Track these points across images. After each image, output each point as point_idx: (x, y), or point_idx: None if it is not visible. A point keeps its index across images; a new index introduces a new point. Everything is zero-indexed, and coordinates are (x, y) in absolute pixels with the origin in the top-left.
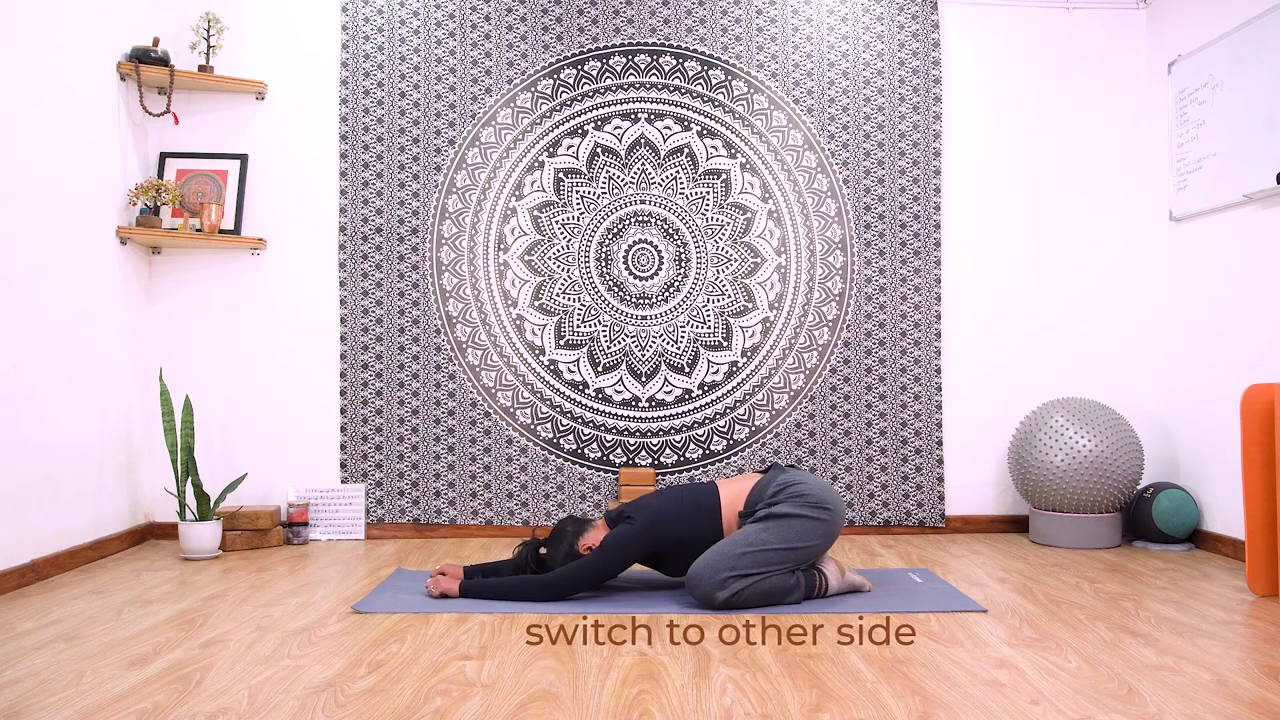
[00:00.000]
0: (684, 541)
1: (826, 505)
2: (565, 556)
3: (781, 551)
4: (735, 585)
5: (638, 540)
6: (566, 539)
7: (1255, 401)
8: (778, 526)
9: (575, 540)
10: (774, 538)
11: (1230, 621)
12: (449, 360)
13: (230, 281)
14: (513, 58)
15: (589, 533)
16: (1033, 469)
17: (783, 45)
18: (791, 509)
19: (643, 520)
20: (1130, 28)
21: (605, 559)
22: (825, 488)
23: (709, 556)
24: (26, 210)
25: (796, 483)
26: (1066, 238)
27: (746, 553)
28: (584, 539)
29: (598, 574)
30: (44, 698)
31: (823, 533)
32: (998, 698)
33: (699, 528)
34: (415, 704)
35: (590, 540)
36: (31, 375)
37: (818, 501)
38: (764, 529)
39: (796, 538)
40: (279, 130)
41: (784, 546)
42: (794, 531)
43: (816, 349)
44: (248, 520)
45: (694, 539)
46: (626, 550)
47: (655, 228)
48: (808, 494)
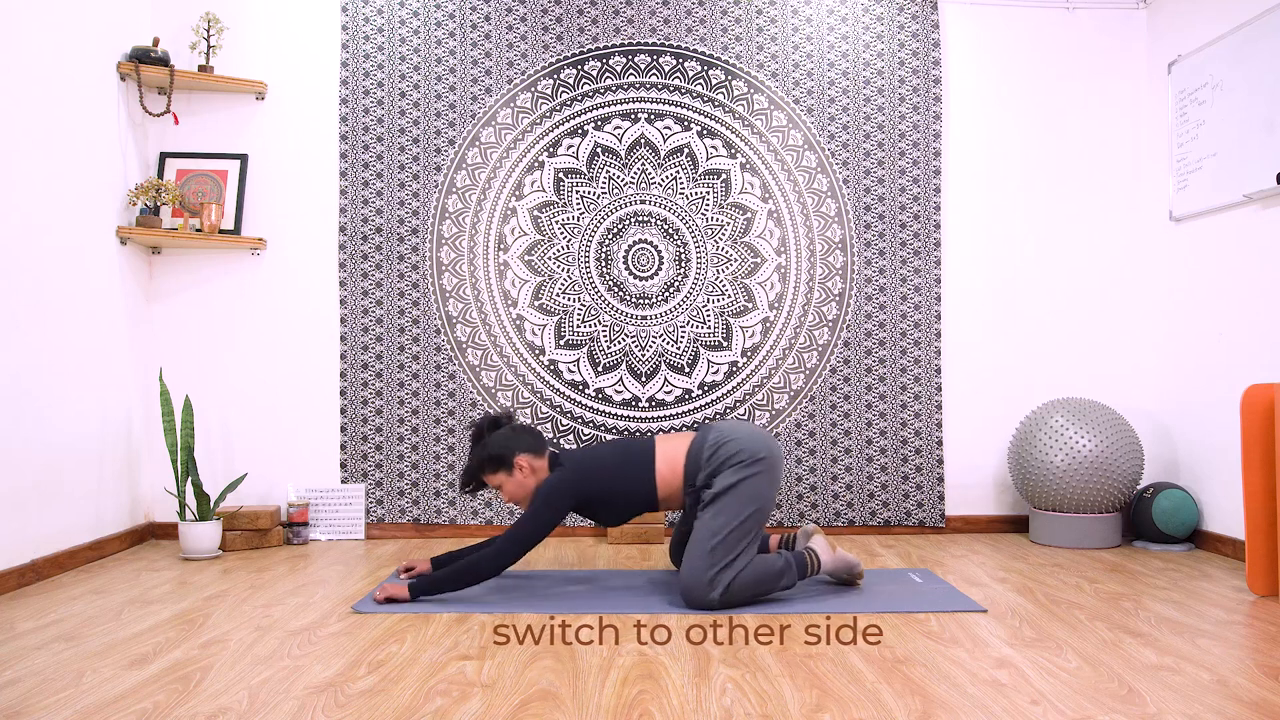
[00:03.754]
0: (615, 491)
1: (760, 455)
2: (500, 449)
3: (744, 522)
4: (724, 578)
5: (568, 486)
6: (519, 441)
7: (1255, 401)
8: (728, 501)
9: (521, 451)
10: (731, 514)
11: (1230, 621)
12: (449, 360)
13: (230, 281)
14: (513, 58)
15: (535, 456)
16: (1033, 469)
17: (783, 45)
18: (731, 477)
19: (572, 467)
20: (1130, 28)
21: (539, 512)
22: (754, 436)
23: (687, 565)
24: (27, 210)
25: (725, 441)
26: (1066, 238)
27: (717, 544)
28: (527, 456)
29: (538, 527)
30: (44, 698)
31: (769, 481)
32: (998, 698)
33: (629, 475)
34: (415, 704)
35: (529, 462)
36: (31, 375)
37: (750, 456)
38: (717, 513)
39: (749, 500)
40: (279, 130)
41: (744, 516)
42: (744, 497)
43: (816, 349)
44: (248, 520)
45: (625, 488)
46: (558, 498)
47: (655, 228)
48: (739, 452)
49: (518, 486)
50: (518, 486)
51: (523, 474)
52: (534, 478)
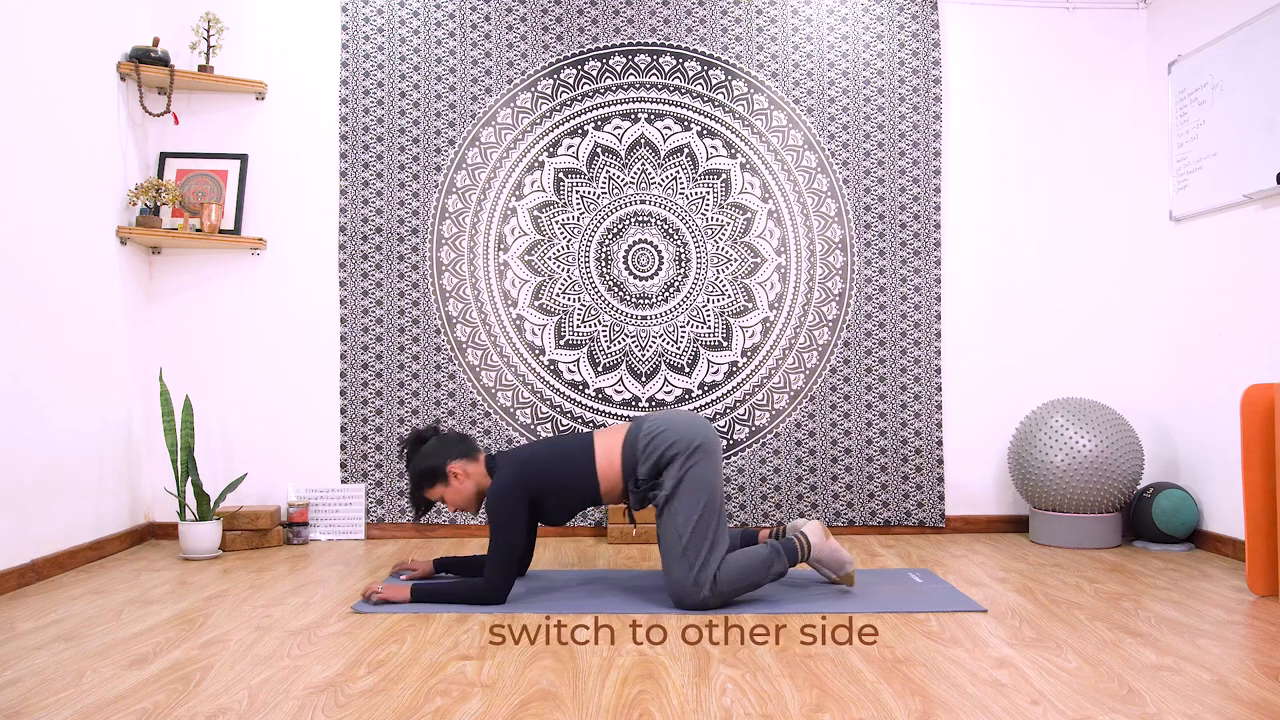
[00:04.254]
0: (561, 486)
1: (695, 443)
2: (431, 462)
3: (702, 515)
4: (705, 575)
5: (514, 485)
6: (448, 450)
7: (1255, 401)
8: (680, 501)
9: (453, 458)
10: (688, 512)
11: (1230, 621)
12: (449, 360)
13: (230, 281)
14: (513, 58)
15: (468, 461)
16: (1033, 469)
17: (783, 45)
18: (675, 474)
19: (512, 466)
20: (1130, 28)
21: (501, 523)
22: (687, 424)
23: (668, 575)
24: (27, 210)
25: (659, 432)
26: (1066, 238)
27: (686, 545)
28: (459, 462)
29: (508, 537)
30: (44, 698)
31: (711, 467)
32: (998, 698)
33: (571, 469)
34: (415, 704)
35: (462, 468)
36: (31, 375)
37: (687, 446)
38: (673, 514)
39: (699, 491)
40: (279, 130)
41: (700, 509)
42: (693, 490)
43: (816, 349)
44: (248, 520)
45: (569, 483)
46: (511, 500)
47: (655, 228)
48: (675, 443)
49: (456, 494)
50: (456, 494)
51: (459, 480)
52: (471, 481)
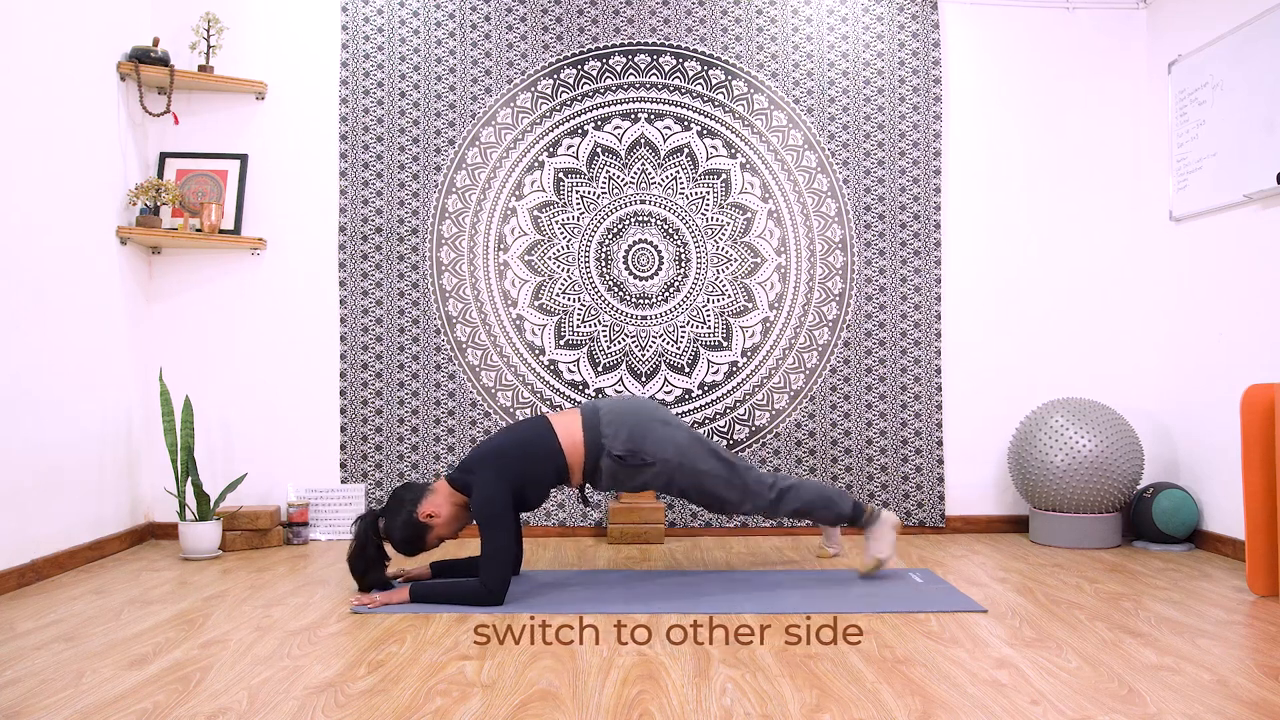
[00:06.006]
0: (535, 471)
1: (657, 417)
2: (404, 525)
3: (712, 456)
4: (765, 479)
5: (495, 486)
6: (405, 507)
7: (1255, 401)
8: (685, 467)
9: (414, 508)
10: (701, 464)
11: (1230, 621)
12: (449, 360)
13: (230, 281)
14: (513, 58)
15: (428, 498)
16: (1033, 469)
17: (783, 45)
18: (661, 453)
19: (489, 469)
20: (1130, 28)
21: (491, 530)
22: (637, 410)
23: (737, 508)
24: (27, 210)
25: (619, 422)
26: (1066, 238)
27: (732, 479)
28: (423, 505)
29: (503, 549)
30: (44, 698)
31: (676, 425)
32: (998, 698)
33: (540, 453)
34: (415, 704)
35: (431, 506)
36: (31, 375)
37: (650, 416)
38: (697, 477)
39: (692, 450)
40: (279, 130)
41: (709, 457)
42: (685, 453)
43: (816, 349)
44: (248, 520)
45: (541, 467)
46: (498, 504)
47: (655, 228)
48: (634, 427)
49: (445, 526)
50: (445, 526)
51: (438, 515)
52: (445, 505)
